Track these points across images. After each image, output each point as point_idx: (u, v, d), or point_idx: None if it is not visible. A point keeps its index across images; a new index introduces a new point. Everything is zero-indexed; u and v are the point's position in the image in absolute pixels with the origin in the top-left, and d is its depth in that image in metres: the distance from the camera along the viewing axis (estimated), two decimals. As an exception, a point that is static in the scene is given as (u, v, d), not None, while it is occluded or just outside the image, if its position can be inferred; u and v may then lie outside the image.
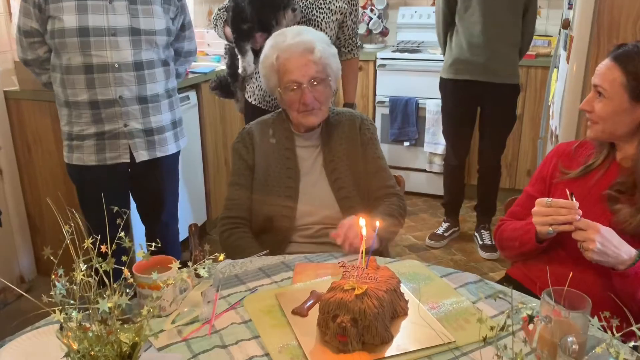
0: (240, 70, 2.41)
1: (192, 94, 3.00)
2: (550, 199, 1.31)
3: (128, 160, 2.08)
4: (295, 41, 1.59)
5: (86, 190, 2.17)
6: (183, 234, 2.59)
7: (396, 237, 2.20)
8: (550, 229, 1.29)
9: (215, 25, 2.51)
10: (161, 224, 2.34)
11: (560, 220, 1.27)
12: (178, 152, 2.27)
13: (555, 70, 2.52)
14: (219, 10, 2.48)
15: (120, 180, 2.17)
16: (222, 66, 3.04)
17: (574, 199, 1.29)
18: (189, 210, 3.06)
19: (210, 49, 3.60)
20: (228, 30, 2.41)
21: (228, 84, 2.58)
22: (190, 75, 2.97)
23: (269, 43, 1.65)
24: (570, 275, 0.89)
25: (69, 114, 2.05)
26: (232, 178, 1.71)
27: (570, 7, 2.17)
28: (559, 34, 2.44)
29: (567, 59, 2.07)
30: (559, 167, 1.47)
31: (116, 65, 1.96)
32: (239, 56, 2.39)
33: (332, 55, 1.63)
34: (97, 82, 1.96)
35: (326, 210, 1.60)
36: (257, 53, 2.41)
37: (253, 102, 2.51)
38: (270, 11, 2.27)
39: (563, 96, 2.09)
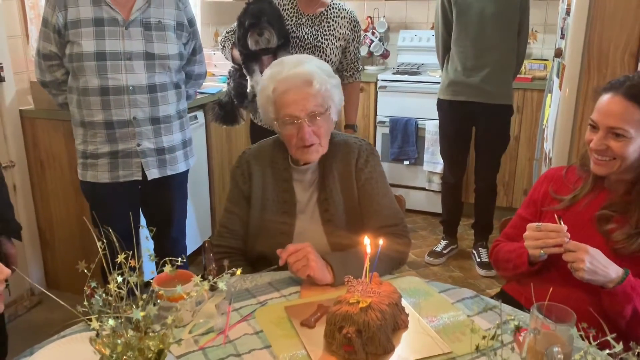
0: (248, 90, 2.50)
1: (200, 114, 3.10)
2: (540, 224, 1.37)
3: (140, 178, 2.17)
4: (292, 72, 1.48)
5: (98, 206, 2.26)
6: (189, 250, 2.67)
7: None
8: (542, 251, 1.35)
9: (223, 47, 2.61)
10: (170, 239, 2.41)
11: (550, 243, 1.34)
12: (187, 171, 2.36)
13: (549, 95, 2.63)
14: (227, 32, 2.59)
15: (131, 197, 2.26)
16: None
17: (562, 222, 1.35)
18: (195, 227, 3.15)
19: (217, 70, 3.71)
20: (236, 52, 2.51)
21: (230, 110, 2.64)
22: (198, 96, 3.07)
23: (266, 73, 1.56)
24: (551, 290, 0.97)
25: (84, 133, 2.14)
26: (227, 204, 1.67)
27: (562, 36, 2.28)
28: (553, 61, 2.55)
29: (560, 86, 2.18)
30: (549, 192, 1.53)
31: (131, 88, 2.06)
32: (248, 76, 2.49)
33: (333, 87, 1.53)
34: (113, 103, 2.06)
35: (318, 250, 1.46)
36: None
37: (258, 123, 2.61)
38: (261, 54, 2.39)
39: (556, 121, 2.20)
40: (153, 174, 2.18)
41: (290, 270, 1.41)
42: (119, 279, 0.86)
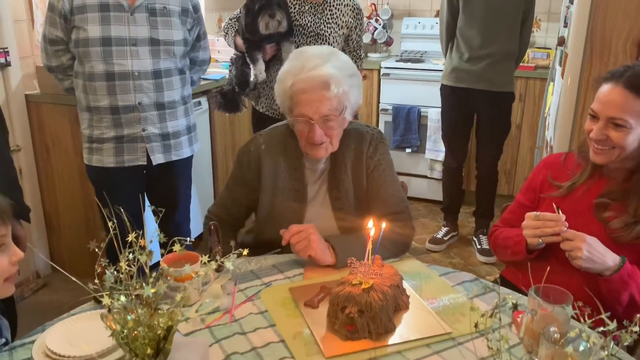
0: (252, 78, 2.51)
1: (204, 100, 3.12)
2: (538, 213, 1.39)
3: (145, 163, 2.20)
4: (312, 74, 1.46)
5: (103, 190, 2.28)
6: (193, 235, 2.70)
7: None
8: (540, 240, 1.38)
9: (226, 34, 2.62)
10: (174, 224, 2.44)
11: (548, 232, 1.36)
12: (192, 156, 2.38)
13: (551, 83, 2.64)
14: (230, 19, 2.59)
15: (136, 181, 2.28)
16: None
17: (560, 212, 1.37)
18: (199, 212, 3.18)
19: (220, 56, 3.72)
20: (239, 40, 2.52)
21: (232, 97, 2.65)
22: (202, 82, 3.08)
23: (286, 64, 1.55)
24: (548, 269, 1.00)
25: (90, 118, 2.16)
26: (229, 182, 1.71)
27: (565, 25, 2.29)
28: (556, 49, 2.56)
29: (562, 75, 2.19)
30: (548, 179, 1.55)
31: (136, 74, 2.07)
32: (251, 65, 2.50)
33: (352, 87, 1.51)
34: (118, 89, 2.08)
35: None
36: (267, 62, 2.53)
37: (260, 110, 2.63)
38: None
39: (558, 109, 2.21)
40: (158, 159, 2.21)
41: (292, 250, 1.44)
42: (130, 256, 0.88)
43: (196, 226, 3.00)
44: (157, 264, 1.25)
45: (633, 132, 1.34)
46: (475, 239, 3.31)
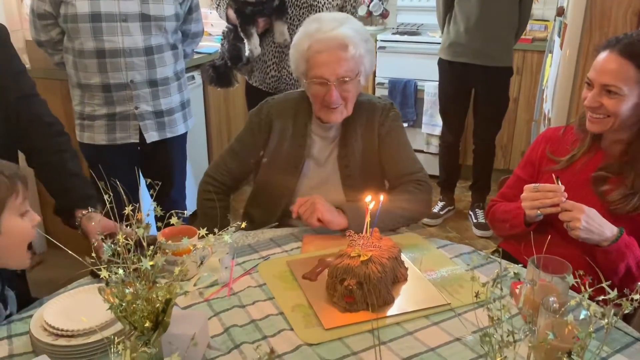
0: (247, 54, 2.46)
1: (197, 74, 3.07)
2: (537, 185, 1.39)
3: (137, 141, 2.17)
4: (329, 35, 1.47)
5: (97, 167, 2.26)
6: (189, 211, 2.68)
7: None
8: (538, 212, 1.37)
9: (218, 6, 2.55)
10: (170, 201, 2.42)
11: (547, 203, 1.35)
12: (186, 132, 2.36)
13: (549, 55, 2.61)
14: (222, -9, 2.53)
15: (130, 159, 2.25)
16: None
17: (559, 182, 1.37)
18: (194, 188, 3.15)
19: (213, 29, 3.65)
20: (231, 12, 2.46)
21: (224, 72, 2.59)
22: (195, 56, 3.03)
23: (302, 28, 1.55)
24: (549, 237, 0.99)
25: (81, 94, 2.12)
26: (235, 144, 1.70)
27: (565, -5, 2.25)
28: (554, 20, 2.53)
29: (561, 46, 2.17)
30: (546, 153, 1.53)
31: (127, 51, 2.02)
32: (245, 40, 2.44)
33: (367, 52, 1.53)
34: (109, 66, 2.03)
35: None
36: (261, 36, 2.48)
37: (254, 84, 2.59)
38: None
39: (556, 81, 2.19)
40: (152, 136, 2.18)
41: (303, 223, 1.45)
42: (127, 229, 0.87)
43: (192, 202, 2.98)
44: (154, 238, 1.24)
45: (627, 100, 1.33)
46: (471, 212, 3.31)
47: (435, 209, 3.35)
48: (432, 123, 3.72)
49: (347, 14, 1.63)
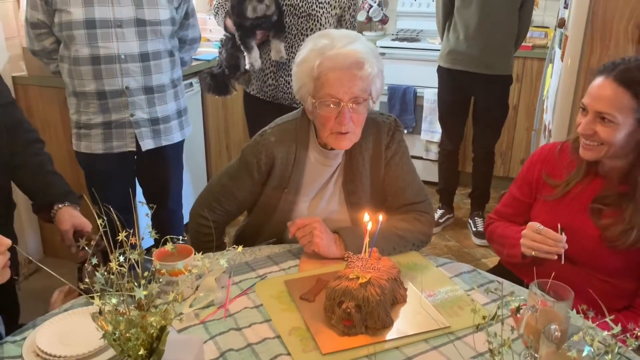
0: (247, 67, 2.44)
1: (195, 81, 3.05)
2: (541, 227, 1.36)
3: (134, 149, 2.15)
4: (344, 51, 1.35)
5: (94, 176, 2.25)
6: (186, 220, 2.67)
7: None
8: (534, 253, 1.36)
9: (216, 13, 2.54)
10: (167, 210, 2.42)
11: (544, 249, 1.34)
12: (183, 141, 2.34)
13: (550, 65, 2.60)
14: (221, -1, 2.52)
15: (126, 168, 2.24)
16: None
17: (563, 234, 1.33)
18: (192, 197, 3.13)
19: (212, 35, 3.64)
20: (229, 21, 2.44)
21: (222, 80, 2.58)
22: (194, 63, 3.02)
23: (309, 44, 1.41)
24: (553, 275, 0.98)
25: (77, 103, 2.11)
26: (228, 182, 1.56)
27: (566, 6, 2.24)
28: (555, 30, 2.51)
29: (562, 58, 2.15)
30: (542, 176, 1.50)
31: (123, 57, 2.01)
32: (245, 53, 2.41)
33: (380, 72, 1.42)
34: (104, 73, 2.02)
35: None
36: (259, 46, 2.46)
37: (252, 93, 2.58)
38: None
39: (557, 93, 2.18)
40: (147, 144, 2.16)
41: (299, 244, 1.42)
42: (121, 258, 0.85)
43: (189, 211, 2.97)
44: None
45: (621, 129, 1.29)
46: (470, 221, 3.30)
47: (434, 217, 3.33)
48: (432, 130, 3.71)
49: (355, 32, 1.51)
